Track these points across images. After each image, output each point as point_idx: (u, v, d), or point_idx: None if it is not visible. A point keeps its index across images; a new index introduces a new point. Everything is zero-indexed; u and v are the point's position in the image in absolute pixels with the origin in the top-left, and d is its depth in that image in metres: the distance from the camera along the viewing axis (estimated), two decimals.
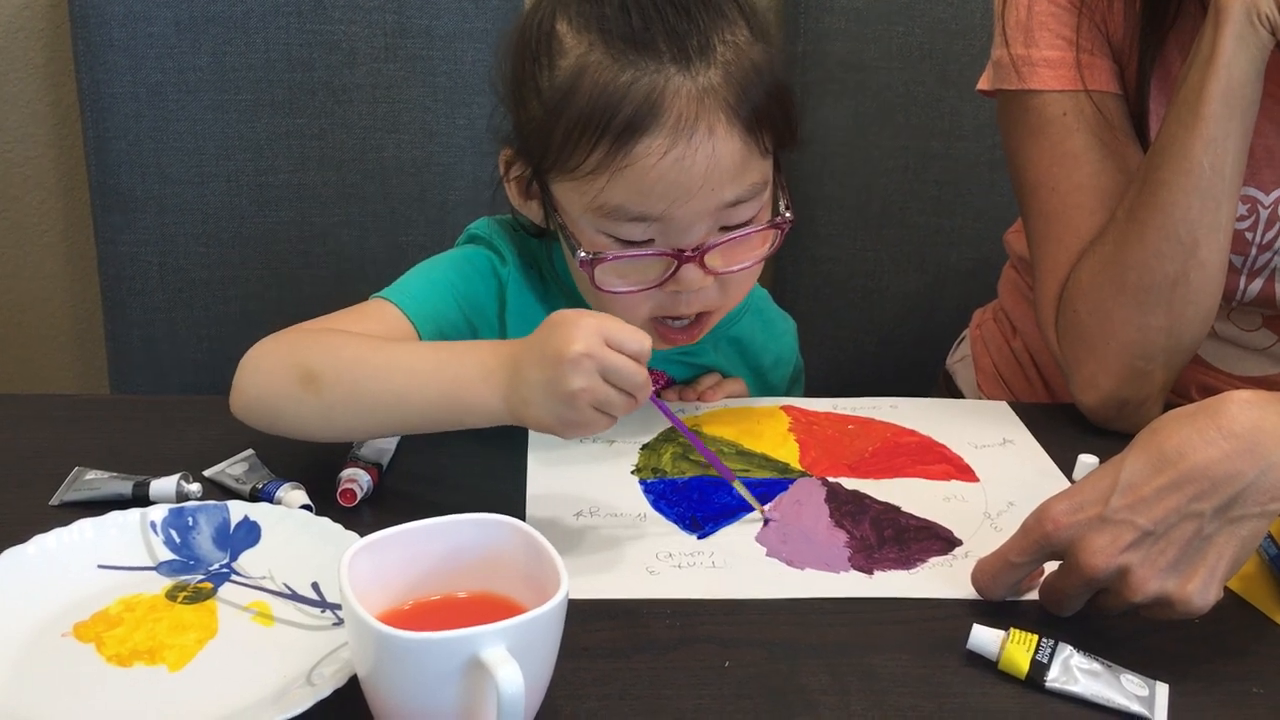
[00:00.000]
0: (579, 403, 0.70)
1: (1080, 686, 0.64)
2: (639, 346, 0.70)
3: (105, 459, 0.83)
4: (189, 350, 1.37)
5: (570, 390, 0.69)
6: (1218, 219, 0.89)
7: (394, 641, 0.54)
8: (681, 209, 0.80)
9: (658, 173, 0.79)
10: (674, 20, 0.79)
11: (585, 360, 0.69)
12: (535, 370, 0.71)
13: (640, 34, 0.79)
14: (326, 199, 1.36)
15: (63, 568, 0.70)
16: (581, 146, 0.79)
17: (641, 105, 0.78)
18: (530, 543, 0.61)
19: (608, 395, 0.70)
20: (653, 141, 0.78)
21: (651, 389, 0.72)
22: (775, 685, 0.65)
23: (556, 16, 0.82)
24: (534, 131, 0.83)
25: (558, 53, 0.81)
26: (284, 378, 0.78)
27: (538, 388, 0.71)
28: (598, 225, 0.82)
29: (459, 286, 0.90)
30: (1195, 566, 0.66)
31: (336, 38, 1.32)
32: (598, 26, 0.80)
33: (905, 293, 1.48)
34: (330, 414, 0.77)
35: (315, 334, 0.82)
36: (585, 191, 0.81)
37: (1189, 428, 0.66)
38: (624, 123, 0.78)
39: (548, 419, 0.71)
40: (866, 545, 0.78)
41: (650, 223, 0.81)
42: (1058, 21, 0.96)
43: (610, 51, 0.79)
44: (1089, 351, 0.95)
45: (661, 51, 0.79)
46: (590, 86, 0.79)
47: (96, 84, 1.28)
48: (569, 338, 0.69)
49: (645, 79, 0.78)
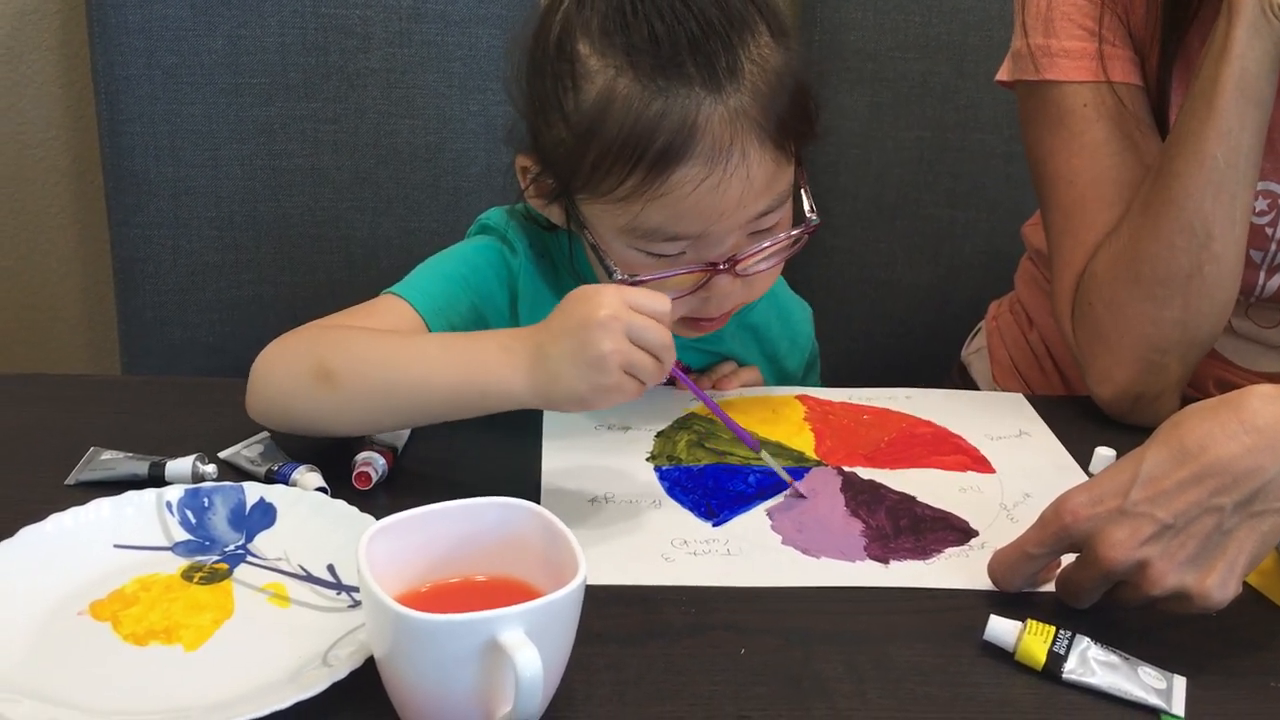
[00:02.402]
0: (609, 364, 0.70)
1: (1097, 679, 0.64)
2: (660, 307, 0.72)
3: (120, 439, 0.83)
4: (201, 333, 1.37)
5: (601, 352, 0.70)
6: (1232, 212, 0.88)
7: (412, 623, 0.54)
8: (716, 228, 0.81)
9: (694, 199, 0.79)
10: (700, 39, 0.78)
11: (613, 323, 0.70)
12: (561, 342, 0.72)
13: (668, 58, 0.77)
14: (340, 183, 1.36)
15: (80, 547, 0.70)
16: (614, 174, 0.79)
17: (676, 135, 0.77)
18: (548, 527, 0.61)
19: (637, 357, 0.71)
20: (689, 170, 0.78)
21: (674, 354, 0.73)
22: (791, 673, 0.65)
23: (577, 36, 0.81)
24: (561, 154, 0.82)
25: (582, 76, 0.80)
26: (298, 376, 0.78)
27: (565, 359, 0.71)
28: (630, 243, 0.83)
29: (470, 279, 0.90)
30: (1214, 561, 0.65)
31: (351, 22, 1.32)
32: (624, 50, 0.78)
33: (919, 284, 1.47)
34: (347, 407, 0.77)
35: (326, 331, 0.82)
36: (619, 214, 0.81)
37: (1211, 421, 0.66)
38: (659, 153, 0.78)
39: (581, 386, 0.71)
40: (882, 535, 0.78)
41: (684, 240, 0.82)
42: (1079, 12, 0.95)
43: (639, 77, 0.78)
44: (1104, 344, 0.94)
45: (691, 76, 0.78)
46: (621, 115, 0.78)
47: (111, 66, 1.28)
48: (595, 303, 0.71)
49: (678, 106, 0.77)
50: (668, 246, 0.82)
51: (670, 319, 0.73)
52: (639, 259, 0.83)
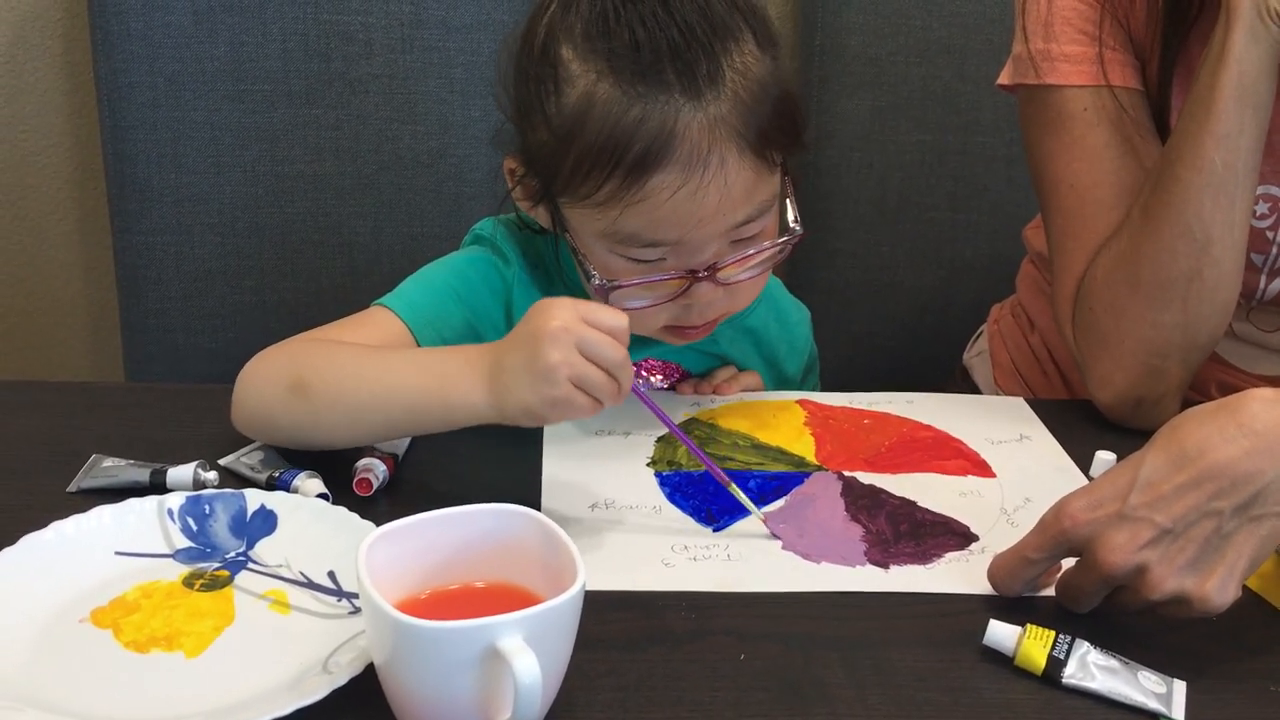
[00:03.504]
0: (558, 376, 0.70)
1: (1097, 683, 0.64)
2: (615, 323, 0.71)
3: (122, 446, 0.83)
4: (203, 339, 1.37)
5: (549, 363, 0.70)
6: (1231, 216, 0.88)
7: (412, 630, 0.54)
8: (694, 235, 0.81)
9: (671, 206, 0.79)
10: (681, 47, 0.78)
11: (563, 334, 0.70)
12: (515, 354, 0.72)
13: (649, 65, 0.78)
14: (342, 190, 1.36)
15: (81, 554, 0.70)
16: (592, 178, 0.79)
17: (653, 141, 0.78)
18: (547, 533, 0.61)
19: (586, 370, 0.70)
20: (666, 177, 0.78)
21: (632, 372, 0.73)
22: (791, 678, 0.65)
23: (561, 40, 0.81)
24: (543, 157, 0.82)
25: (564, 80, 0.80)
26: (275, 387, 0.79)
27: (517, 370, 0.71)
28: (609, 248, 0.83)
29: (460, 291, 0.90)
30: (1214, 565, 0.65)
31: (354, 29, 1.32)
32: (605, 56, 0.79)
33: (921, 287, 1.47)
34: (320, 419, 0.78)
35: (307, 343, 0.83)
36: (597, 219, 0.81)
37: (1210, 425, 0.66)
38: (636, 159, 0.78)
39: (530, 397, 0.71)
40: (883, 539, 0.78)
41: (663, 246, 0.82)
42: (1079, 17, 0.95)
43: (619, 83, 0.78)
44: (1104, 348, 0.94)
45: (670, 83, 0.78)
46: (600, 120, 0.78)
47: (114, 73, 1.28)
48: (548, 315, 0.71)
49: (656, 113, 0.78)
50: (646, 252, 0.82)
51: (654, 328, 0.72)
52: (619, 264, 0.83)
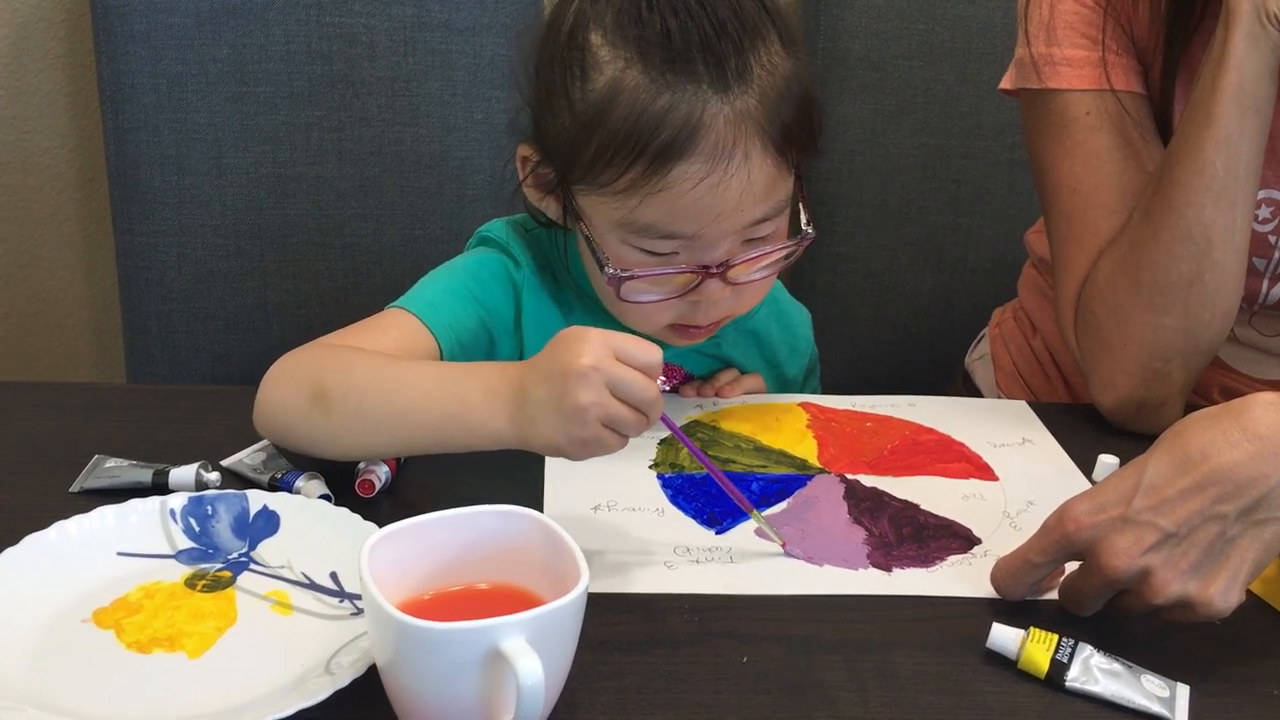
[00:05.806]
0: (588, 418, 0.68)
1: (1100, 687, 0.64)
2: (648, 359, 0.69)
3: (124, 447, 0.83)
4: (205, 341, 1.37)
5: (578, 405, 0.67)
6: (1232, 219, 0.88)
7: (414, 631, 0.54)
8: (710, 229, 0.81)
9: (692, 197, 0.79)
10: (713, 39, 0.78)
11: (593, 373, 0.67)
12: (541, 388, 0.69)
13: (679, 55, 0.78)
14: (344, 192, 1.36)
15: (83, 554, 0.70)
16: (615, 165, 0.79)
17: (680, 130, 0.77)
18: (550, 535, 0.61)
19: (617, 411, 0.68)
20: (689, 167, 0.78)
21: (663, 407, 0.70)
22: (793, 681, 0.65)
23: (590, 27, 0.81)
24: (563, 142, 0.82)
25: (591, 66, 0.80)
26: (296, 395, 0.77)
27: (545, 406, 0.69)
28: (624, 238, 0.83)
29: (476, 293, 0.89)
30: (1217, 569, 0.65)
31: (356, 31, 1.32)
32: (635, 44, 0.79)
33: (923, 291, 1.47)
34: (338, 433, 0.76)
35: (331, 351, 0.81)
36: (615, 208, 0.81)
37: (1213, 429, 0.66)
38: (661, 147, 0.78)
39: (557, 437, 0.69)
40: (885, 543, 0.78)
41: (679, 239, 0.82)
42: (1082, 21, 0.95)
43: (648, 71, 0.78)
44: (1106, 352, 0.94)
45: (700, 74, 0.78)
46: (627, 107, 0.78)
47: (116, 75, 1.29)
48: (577, 352, 0.68)
49: (684, 103, 0.78)
50: (662, 244, 0.82)
51: (659, 325, 0.71)
52: (632, 255, 0.83)
